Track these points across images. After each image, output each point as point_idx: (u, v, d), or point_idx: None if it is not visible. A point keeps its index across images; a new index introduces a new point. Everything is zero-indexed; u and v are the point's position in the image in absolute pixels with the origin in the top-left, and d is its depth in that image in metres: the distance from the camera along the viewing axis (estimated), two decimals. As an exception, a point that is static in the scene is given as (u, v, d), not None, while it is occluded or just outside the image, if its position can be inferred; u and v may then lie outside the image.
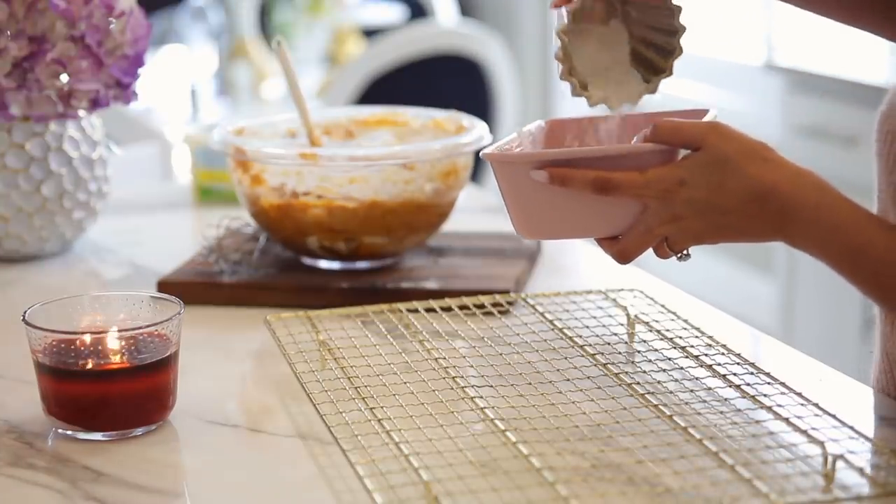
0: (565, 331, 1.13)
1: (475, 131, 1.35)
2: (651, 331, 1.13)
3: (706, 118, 1.01)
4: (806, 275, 2.75)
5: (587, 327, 1.15)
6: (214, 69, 3.85)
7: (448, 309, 1.17)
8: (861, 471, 0.86)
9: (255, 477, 0.91)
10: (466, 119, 1.42)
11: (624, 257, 0.98)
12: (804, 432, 0.90)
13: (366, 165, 1.28)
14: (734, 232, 0.94)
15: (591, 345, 1.10)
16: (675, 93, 3.28)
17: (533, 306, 1.20)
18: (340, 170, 1.27)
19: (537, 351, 1.09)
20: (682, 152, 0.96)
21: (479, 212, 1.64)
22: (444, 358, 1.07)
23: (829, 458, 0.85)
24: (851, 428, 0.92)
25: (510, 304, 1.20)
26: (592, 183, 0.95)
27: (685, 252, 0.98)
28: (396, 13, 4.28)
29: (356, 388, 1.01)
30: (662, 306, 1.17)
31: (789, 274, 2.81)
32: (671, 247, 0.97)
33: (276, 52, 1.39)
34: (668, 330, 1.13)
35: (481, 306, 1.19)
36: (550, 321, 1.15)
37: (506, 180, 0.99)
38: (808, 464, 0.88)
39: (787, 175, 0.92)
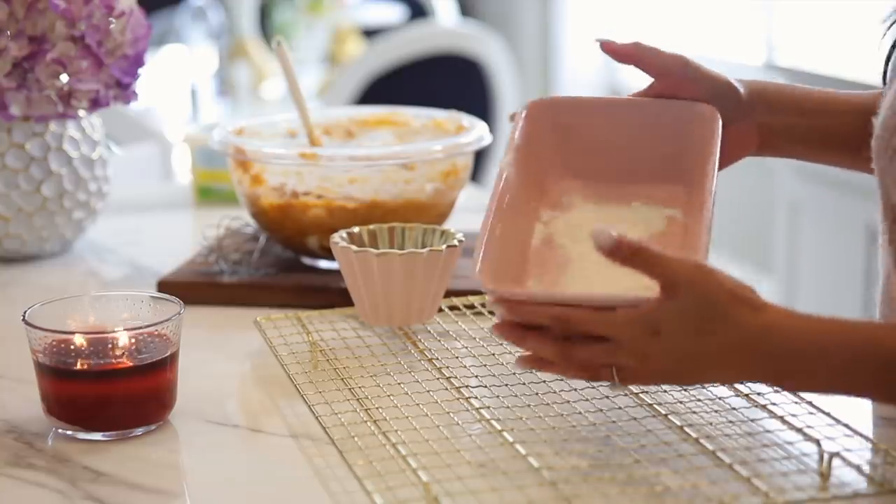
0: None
1: (475, 131, 1.35)
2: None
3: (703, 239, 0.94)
4: (806, 275, 2.75)
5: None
6: (214, 69, 3.85)
7: (439, 310, 1.17)
8: (858, 468, 0.86)
9: (255, 477, 0.91)
10: (466, 119, 1.42)
11: (568, 360, 0.88)
12: (799, 430, 0.91)
13: (366, 165, 1.28)
14: (702, 377, 0.88)
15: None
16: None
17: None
18: (340, 170, 1.28)
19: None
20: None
21: (479, 212, 1.64)
22: (438, 359, 1.07)
23: (826, 456, 0.85)
24: (846, 426, 0.92)
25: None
26: (553, 323, 0.88)
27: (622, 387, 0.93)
28: (396, 13, 4.28)
29: (350, 388, 1.02)
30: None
31: (789, 274, 2.82)
32: (623, 378, 0.88)
33: (276, 52, 1.39)
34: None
35: (471, 307, 1.19)
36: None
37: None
38: (805, 462, 0.88)
39: (775, 316, 0.85)
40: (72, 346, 0.95)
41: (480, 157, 3.29)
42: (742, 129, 1.07)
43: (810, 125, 1.09)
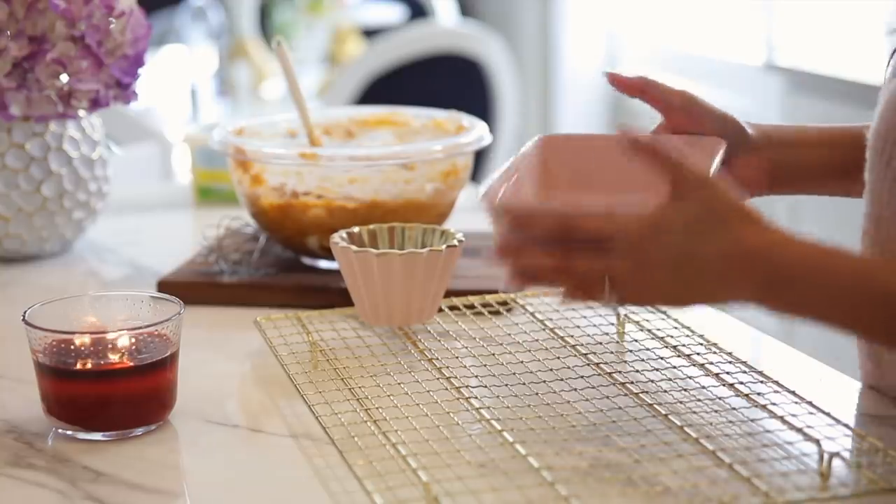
0: (556, 330, 1.13)
1: (475, 131, 1.35)
2: (642, 330, 1.13)
3: (715, 159, 0.98)
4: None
5: (578, 327, 1.15)
6: (214, 69, 3.85)
7: (439, 310, 1.17)
8: (858, 468, 0.86)
9: (255, 477, 0.91)
10: (466, 119, 1.42)
11: (566, 277, 0.88)
12: (800, 430, 0.91)
13: (366, 165, 1.28)
14: (698, 291, 0.87)
15: (582, 344, 1.10)
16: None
17: (523, 306, 1.20)
18: (340, 170, 1.28)
19: (529, 351, 1.09)
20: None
21: (479, 212, 1.64)
22: (438, 359, 1.07)
23: (826, 456, 0.85)
24: (846, 426, 0.92)
25: (501, 304, 1.21)
26: (555, 227, 0.87)
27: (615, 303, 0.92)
28: (396, 13, 4.28)
29: (350, 388, 1.02)
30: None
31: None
32: (620, 296, 0.87)
33: (276, 52, 1.39)
34: (658, 329, 1.13)
35: (471, 307, 1.19)
36: (541, 321, 1.16)
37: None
38: (805, 462, 0.88)
39: (777, 237, 0.86)
40: (72, 346, 0.95)
41: (480, 157, 3.29)
42: (750, 166, 1.08)
43: (812, 158, 1.10)
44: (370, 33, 4.13)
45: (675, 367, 1.05)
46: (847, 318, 0.87)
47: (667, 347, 1.09)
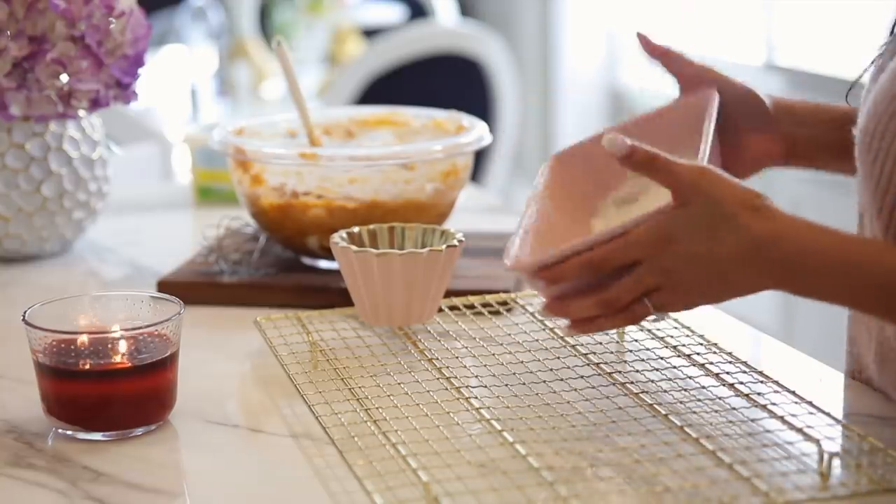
0: (556, 330, 1.13)
1: (475, 131, 1.35)
2: (642, 330, 1.13)
3: (707, 134, 1.00)
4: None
5: (578, 327, 1.15)
6: (214, 69, 3.85)
7: (439, 310, 1.17)
8: (858, 468, 0.86)
9: (255, 477, 0.91)
10: (466, 119, 1.42)
11: (609, 307, 0.93)
12: (799, 430, 0.91)
13: (366, 165, 1.28)
14: (727, 286, 0.91)
15: (582, 344, 1.10)
16: (677, 93, 3.26)
17: (523, 306, 1.20)
18: (340, 170, 1.28)
19: (530, 351, 1.09)
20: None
21: (479, 212, 1.64)
22: (438, 359, 1.07)
23: (826, 456, 0.85)
24: (846, 426, 0.92)
25: (501, 304, 1.21)
26: (582, 272, 0.92)
27: (662, 314, 0.95)
28: (396, 13, 4.28)
29: (350, 388, 1.02)
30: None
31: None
32: (658, 305, 0.92)
33: (276, 52, 1.39)
34: (658, 329, 1.13)
35: (471, 307, 1.19)
36: (541, 321, 1.16)
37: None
38: (805, 462, 0.88)
39: (782, 225, 0.89)
40: (72, 346, 0.95)
41: (480, 157, 3.29)
42: (767, 139, 1.09)
43: (833, 135, 1.10)
44: (370, 33, 4.13)
45: (675, 367, 1.05)
46: (860, 299, 0.90)
47: (667, 347, 1.09)
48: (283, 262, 1.34)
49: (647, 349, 1.10)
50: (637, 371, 1.04)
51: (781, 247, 0.88)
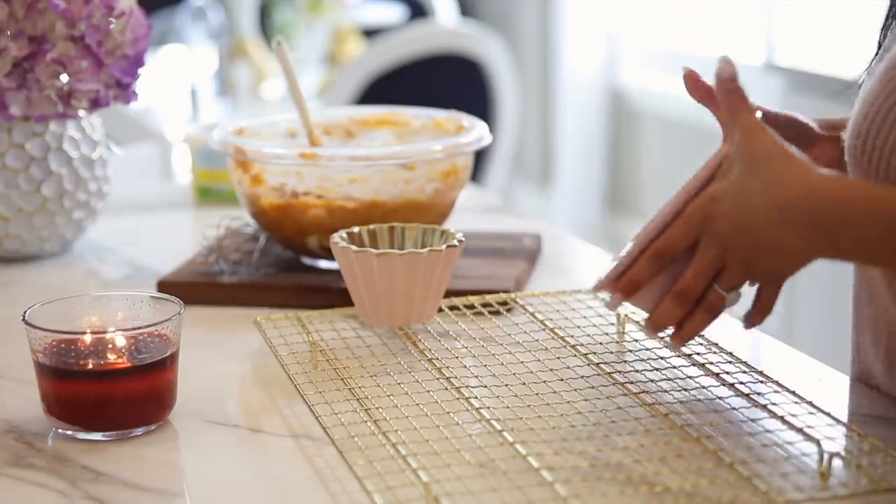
0: (556, 330, 1.13)
1: (475, 131, 1.35)
2: (642, 329, 1.13)
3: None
4: (806, 275, 2.75)
5: (578, 327, 1.15)
6: (214, 69, 3.85)
7: (439, 310, 1.17)
8: (858, 468, 0.86)
9: (255, 477, 0.91)
10: (466, 119, 1.42)
11: (685, 298, 0.95)
12: (800, 430, 0.91)
13: (366, 165, 1.28)
14: (770, 250, 0.91)
15: (582, 344, 1.10)
16: (677, 93, 3.28)
17: (523, 306, 1.20)
18: (340, 170, 1.28)
19: (530, 351, 1.09)
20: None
21: (479, 212, 1.64)
22: (438, 359, 1.07)
23: (826, 456, 0.85)
24: (846, 426, 0.92)
25: (501, 304, 1.21)
26: (653, 264, 0.95)
27: (736, 291, 0.95)
28: (396, 13, 4.28)
29: (350, 388, 1.02)
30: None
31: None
32: (722, 281, 0.93)
33: (276, 52, 1.39)
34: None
35: (471, 307, 1.19)
36: (541, 321, 1.16)
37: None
38: (805, 462, 0.88)
39: (815, 177, 0.89)
40: (72, 346, 0.95)
41: (480, 157, 3.29)
42: (825, 156, 1.08)
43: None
44: (370, 33, 4.13)
45: (675, 367, 1.05)
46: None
47: (666, 347, 1.09)
48: (283, 262, 1.34)
49: (647, 349, 1.10)
50: (637, 371, 1.04)
51: (810, 200, 0.88)
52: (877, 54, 1.02)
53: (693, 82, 1.05)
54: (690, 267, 0.94)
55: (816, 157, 1.06)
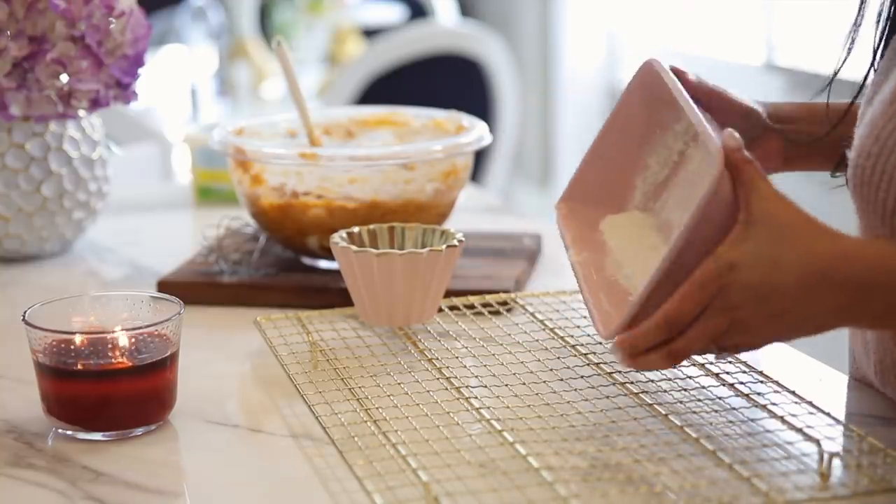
0: (556, 330, 1.13)
1: (475, 131, 1.35)
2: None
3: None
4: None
5: (578, 327, 1.15)
6: (214, 69, 3.85)
7: (439, 310, 1.17)
8: (858, 468, 0.86)
9: (255, 477, 0.91)
10: (466, 119, 1.42)
11: (676, 357, 0.89)
12: (799, 430, 0.91)
13: (366, 165, 1.28)
14: (795, 320, 0.87)
15: (582, 344, 1.10)
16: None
17: (523, 306, 1.20)
18: (340, 170, 1.28)
19: (530, 351, 1.09)
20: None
21: (479, 212, 1.64)
22: (438, 359, 1.07)
23: (826, 456, 0.85)
24: (846, 426, 0.92)
25: (501, 304, 1.21)
26: (660, 334, 0.89)
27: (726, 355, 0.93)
28: (396, 13, 4.28)
29: (350, 388, 1.02)
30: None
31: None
32: (721, 344, 0.90)
33: (276, 52, 1.39)
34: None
35: (471, 307, 1.19)
36: (541, 321, 1.16)
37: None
38: (805, 462, 0.88)
39: (848, 242, 0.87)
40: (72, 346, 0.95)
41: (480, 157, 3.29)
42: (767, 147, 1.08)
43: (821, 133, 1.09)
44: (370, 33, 4.13)
45: (674, 367, 1.05)
46: None
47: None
48: (283, 262, 1.34)
49: (647, 349, 1.09)
50: (637, 371, 1.04)
51: (844, 268, 0.86)
52: (873, 64, 1.01)
53: (685, 80, 1.05)
54: (692, 331, 0.88)
55: (763, 150, 1.07)
